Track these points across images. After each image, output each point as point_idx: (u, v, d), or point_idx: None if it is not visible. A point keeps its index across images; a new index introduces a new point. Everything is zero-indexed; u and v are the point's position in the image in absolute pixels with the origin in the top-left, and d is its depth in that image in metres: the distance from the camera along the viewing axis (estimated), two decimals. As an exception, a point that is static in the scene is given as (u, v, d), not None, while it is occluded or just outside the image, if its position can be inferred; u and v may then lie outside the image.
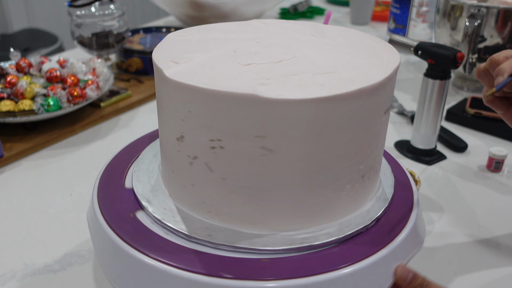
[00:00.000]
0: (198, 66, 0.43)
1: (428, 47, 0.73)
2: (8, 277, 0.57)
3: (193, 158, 0.42)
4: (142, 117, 0.97)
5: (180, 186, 0.45)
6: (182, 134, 0.42)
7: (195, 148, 0.42)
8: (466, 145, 0.85)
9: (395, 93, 1.07)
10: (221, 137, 0.40)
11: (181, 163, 0.44)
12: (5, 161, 0.80)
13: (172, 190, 0.47)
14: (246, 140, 0.39)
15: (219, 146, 0.40)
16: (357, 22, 1.54)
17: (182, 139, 0.42)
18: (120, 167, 0.53)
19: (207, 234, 0.42)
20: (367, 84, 0.39)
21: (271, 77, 0.40)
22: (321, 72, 0.41)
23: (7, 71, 0.92)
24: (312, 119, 0.38)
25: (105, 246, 0.44)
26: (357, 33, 0.52)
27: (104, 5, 1.05)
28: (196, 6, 1.28)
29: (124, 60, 1.12)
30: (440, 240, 0.64)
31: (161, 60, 0.44)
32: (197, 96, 0.39)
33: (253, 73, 0.41)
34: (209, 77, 0.40)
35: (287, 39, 0.49)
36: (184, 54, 0.45)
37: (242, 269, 0.39)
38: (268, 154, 0.39)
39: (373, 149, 0.44)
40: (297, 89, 0.38)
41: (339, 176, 0.42)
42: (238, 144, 0.39)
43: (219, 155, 0.41)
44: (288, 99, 0.37)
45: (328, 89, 0.38)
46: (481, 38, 0.96)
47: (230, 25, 0.54)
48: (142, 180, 0.50)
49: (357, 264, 0.40)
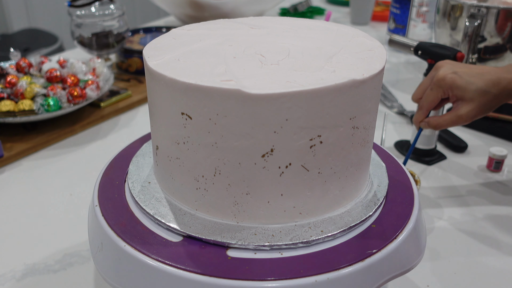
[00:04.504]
0: (182, 58, 0.43)
1: (428, 47, 0.73)
2: (8, 277, 0.57)
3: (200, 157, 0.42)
4: (142, 117, 0.97)
5: (180, 185, 0.45)
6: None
7: (197, 151, 0.42)
8: (466, 145, 0.85)
9: (395, 93, 1.07)
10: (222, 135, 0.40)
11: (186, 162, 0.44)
12: (5, 161, 0.80)
13: (172, 190, 0.47)
14: (242, 139, 0.39)
15: (215, 143, 0.40)
16: (357, 22, 1.55)
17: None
18: (120, 167, 0.53)
19: (208, 233, 0.42)
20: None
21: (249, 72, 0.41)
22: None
23: (7, 71, 0.92)
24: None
25: (105, 246, 0.44)
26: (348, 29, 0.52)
27: (104, 5, 1.05)
28: (196, 6, 1.28)
29: (124, 60, 1.12)
30: (440, 240, 0.64)
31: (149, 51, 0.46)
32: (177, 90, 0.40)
33: (237, 67, 0.41)
34: (190, 70, 0.41)
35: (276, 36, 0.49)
36: (174, 47, 0.46)
37: (242, 268, 0.39)
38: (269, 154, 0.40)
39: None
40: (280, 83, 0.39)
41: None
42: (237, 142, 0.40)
43: (217, 153, 0.41)
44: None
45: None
46: (481, 38, 0.96)
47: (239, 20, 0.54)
48: (140, 180, 0.50)
49: (357, 264, 0.40)
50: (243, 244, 0.41)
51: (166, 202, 0.46)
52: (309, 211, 0.43)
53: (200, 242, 0.42)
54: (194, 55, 0.45)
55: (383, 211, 0.47)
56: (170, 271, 0.39)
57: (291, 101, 0.38)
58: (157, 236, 0.43)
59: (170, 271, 0.39)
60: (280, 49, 0.46)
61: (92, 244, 0.47)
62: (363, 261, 0.40)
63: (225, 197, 0.43)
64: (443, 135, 0.86)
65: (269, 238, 0.42)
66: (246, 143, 0.40)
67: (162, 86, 0.42)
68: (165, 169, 0.46)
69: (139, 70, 1.12)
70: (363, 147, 0.45)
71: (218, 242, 0.41)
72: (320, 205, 0.44)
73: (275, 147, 0.40)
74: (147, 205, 0.46)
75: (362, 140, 0.44)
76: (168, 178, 0.46)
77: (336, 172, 0.43)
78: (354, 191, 0.46)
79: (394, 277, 0.43)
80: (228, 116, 0.39)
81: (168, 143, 0.44)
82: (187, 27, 0.53)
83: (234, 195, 0.42)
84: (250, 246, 0.41)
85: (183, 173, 0.44)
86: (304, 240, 0.41)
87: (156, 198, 0.47)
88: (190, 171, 0.43)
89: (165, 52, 0.46)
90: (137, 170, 0.51)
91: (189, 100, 0.40)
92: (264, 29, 0.52)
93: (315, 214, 0.44)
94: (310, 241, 0.41)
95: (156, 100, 0.44)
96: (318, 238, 0.42)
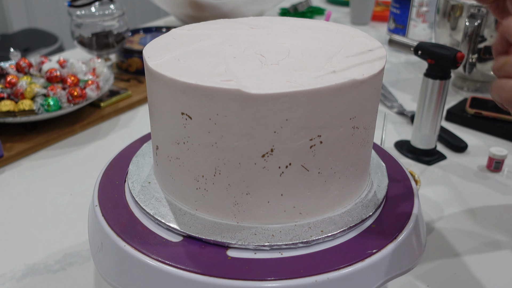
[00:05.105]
0: (182, 58, 0.43)
1: (428, 47, 0.73)
2: (8, 277, 0.57)
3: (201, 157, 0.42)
4: (142, 117, 0.97)
5: (180, 185, 0.45)
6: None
7: (198, 151, 0.42)
8: (466, 145, 0.85)
9: (395, 93, 1.07)
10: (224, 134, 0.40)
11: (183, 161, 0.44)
12: (5, 161, 0.80)
13: (172, 190, 0.47)
14: (242, 139, 0.39)
15: (214, 143, 0.40)
16: (357, 22, 1.55)
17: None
18: (120, 167, 0.53)
19: (208, 233, 0.42)
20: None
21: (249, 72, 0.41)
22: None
23: (7, 71, 0.92)
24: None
25: (105, 246, 0.44)
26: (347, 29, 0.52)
27: (104, 5, 1.05)
28: (196, 6, 1.28)
29: (124, 60, 1.12)
30: (440, 240, 0.64)
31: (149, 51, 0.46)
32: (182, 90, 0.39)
33: (237, 67, 0.42)
34: (190, 69, 0.41)
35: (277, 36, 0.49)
36: (174, 47, 0.46)
37: (242, 268, 0.39)
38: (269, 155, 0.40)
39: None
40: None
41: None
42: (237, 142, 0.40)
43: (218, 153, 0.41)
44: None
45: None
46: (481, 38, 0.96)
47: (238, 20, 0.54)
48: (140, 180, 0.50)
49: (357, 264, 0.40)
50: (243, 244, 0.41)
51: (166, 202, 0.46)
52: (309, 211, 0.43)
53: (200, 242, 0.42)
54: (194, 55, 0.45)
55: (383, 211, 0.47)
56: (170, 271, 0.39)
57: (291, 101, 0.38)
58: (157, 236, 0.43)
59: (170, 271, 0.39)
60: (280, 49, 0.46)
61: (92, 244, 0.47)
62: (363, 261, 0.40)
63: (225, 197, 0.43)
64: (443, 135, 0.86)
65: (269, 238, 0.42)
66: (246, 143, 0.40)
67: (162, 86, 0.42)
68: (165, 169, 0.46)
69: (139, 70, 1.12)
70: (363, 147, 0.45)
71: (218, 242, 0.41)
72: (320, 205, 0.44)
73: (275, 147, 0.40)
74: (147, 205, 0.46)
75: (362, 140, 0.44)
76: (168, 178, 0.46)
77: (336, 172, 0.43)
78: (354, 191, 0.46)
79: (394, 277, 0.43)
80: (228, 116, 0.39)
81: (168, 143, 0.44)
82: (187, 27, 0.53)
83: (234, 195, 0.42)
84: (250, 246, 0.41)
85: (183, 173, 0.44)
86: (304, 240, 0.41)
87: (156, 198, 0.47)
88: (190, 171, 0.43)
89: (165, 52, 0.46)
90: (137, 170, 0.51)
91: (189, 100, 0.40)
92: (264, 29, 0.52)
93: (315, 214, 0.44)
94: (310, 241, 0.41)
95: (156, 100, 0.44)
96: (318, 238, 0.42)
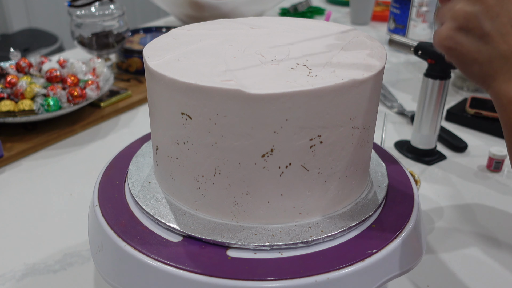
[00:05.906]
0: (182, 58, 0.44)
1: (428, 47, 0.73)
2: (8, 277, 0.57)
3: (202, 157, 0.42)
4: (142, 117, 0.97)
5: (180, 185, 0.45)
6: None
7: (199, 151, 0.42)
8: (466, 145, 0.85)
9: (395, 93, 1.07)
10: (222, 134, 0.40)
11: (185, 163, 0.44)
12: (5, 161, 0.80)
13: (172, 190, 0.47)
14: (242, 139, 0.39)
15: (215, 143, 0.40)
16: (357, 22, 1.54)
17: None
18: (120, 167, 0.53)
19: (208, 233, 0.42)
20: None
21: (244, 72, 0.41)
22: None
23: (7, 71, 0.92)
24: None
25: (105, 246, 0.44)
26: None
27: (104, 5, 1.05)
28: (196, 6, 1.28)
29: (124, 60, 1.12)
30: (440, 240, 0.64)
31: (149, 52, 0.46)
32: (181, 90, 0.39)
33: (237, 67, 0.42)
34: (190, 70, 0.41)
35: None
36: (174, 47, 0.46)
37: (242, 268, 0.39)
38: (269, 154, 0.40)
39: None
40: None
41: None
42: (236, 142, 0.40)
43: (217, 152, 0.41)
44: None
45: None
46: (481, 38, 0.96)
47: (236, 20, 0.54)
48: (140, 180, 0.50)
49: (357, 264, 0.40)
50: (243, 244, 0.41)
51: (166, 202, 0.46)
52: (309, 211, 0.43)
53: (200, 242, 0.42)
54: (194, 55, 0.45)
55: (383, 211, 0.47)
56: (170, 271, 0.39)
57: (291, 101, 0.38)
58: (157, 236, 0.43)
59: (170, 271, 0.39)
60: (280, 49, 0.46)
61: (92, 244, 0.47)
62: (363, 261, 0.40)
63: (225, 197, 0.43)
64: (443, 135, 0.86)
65: (269, 238, 0.42)
66: (246, 143, 0.40)
67: (162, 86, 0.42)
68: (165, 169, 0.46)
69: (139, 70, 1.12)
70: (363, 147, 0.45)
71: (218, 242, 0.41)
72: (320, 205, 0.44)
73: (275, 147, 0.40)
74: (147, 205, 0.46)
75: (362, 140, 0.44)
76: (168, 178, 0.46)
77: (336, 172, 0.43)
78: (354, 191, 0.46)
79: (394, 277, 0.43)
80: (228, 116, 0.39)
81: (168, 143, 0.44)
82: (187, 27, 0.53)
83: (234, 195, 0.42)
84: (250, 246, 0.41)
85: (183, 173, 0.44)
86: (304, 240, 0.41)
87: (156, 198, 0.47)
88: (190, 171, 0.43)
89: (165, 52, 0.46)
90: (137, 170, 0.51)
91: (189, 100, 0.40)
92: (264, 29, 0.52)
93: (315, 214, 0.44)
94: (310, 241, 0.41)
95: (156, 100, 0.44)
96: (318, 238, 0.42)
